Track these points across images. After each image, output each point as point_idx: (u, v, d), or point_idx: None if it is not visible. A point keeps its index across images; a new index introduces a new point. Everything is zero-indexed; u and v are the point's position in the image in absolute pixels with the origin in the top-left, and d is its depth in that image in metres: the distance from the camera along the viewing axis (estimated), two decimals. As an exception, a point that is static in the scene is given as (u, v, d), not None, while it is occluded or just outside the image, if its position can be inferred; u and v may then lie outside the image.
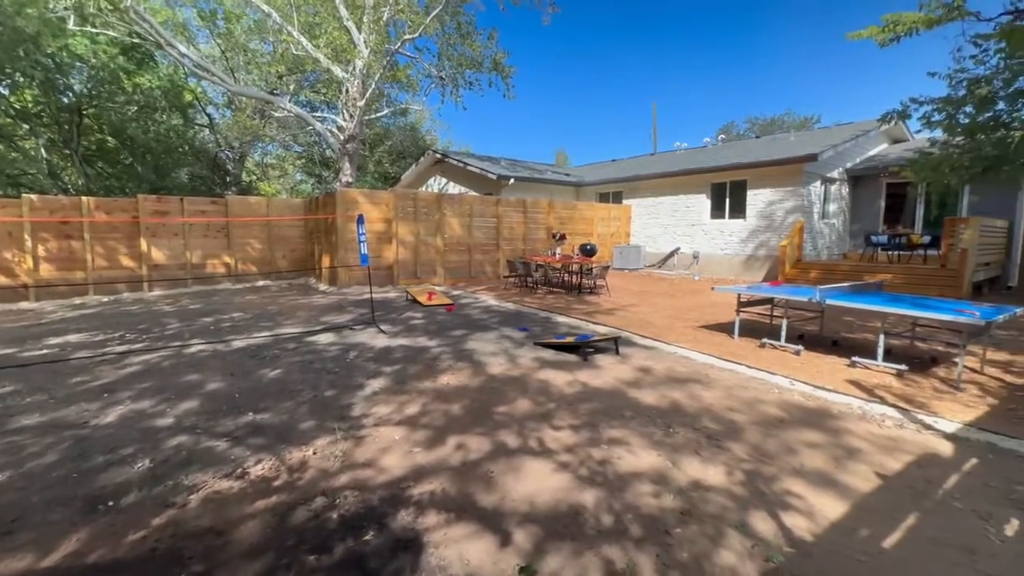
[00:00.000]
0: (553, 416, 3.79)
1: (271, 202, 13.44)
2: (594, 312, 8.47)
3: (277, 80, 21.24)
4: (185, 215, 11.70)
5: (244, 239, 12.69)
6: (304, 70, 21.06)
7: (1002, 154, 7.81)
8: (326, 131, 16.33)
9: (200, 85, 21.75)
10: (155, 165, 19.45)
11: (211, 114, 24.00)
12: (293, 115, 17.49)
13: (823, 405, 4.14)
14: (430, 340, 6.22)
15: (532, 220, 14.37)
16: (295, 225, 13.50)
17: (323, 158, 28.74)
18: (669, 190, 15.94)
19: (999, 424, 3.76)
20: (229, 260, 12.45)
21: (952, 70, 7.56)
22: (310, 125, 16.88)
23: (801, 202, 12.81)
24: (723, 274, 14.29)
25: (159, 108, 18.85)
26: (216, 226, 12.22)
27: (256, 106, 22.31)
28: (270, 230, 13.07)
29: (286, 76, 21.25)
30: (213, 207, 12.22)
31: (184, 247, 11.82)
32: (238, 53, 20.31)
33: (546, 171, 19.75)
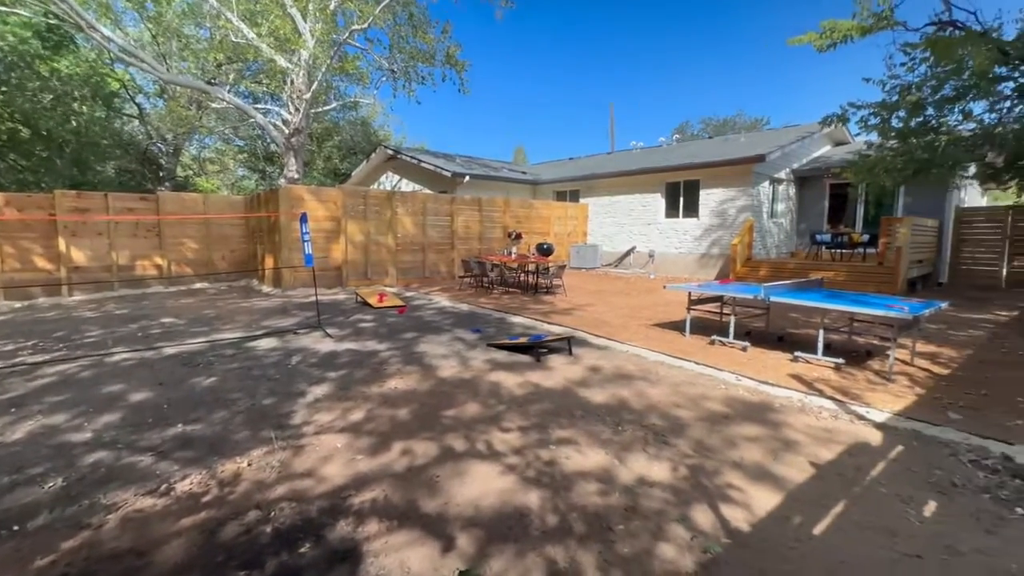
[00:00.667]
0: (503, 418, 3.82)
1: (209, 199, 12.88)
2: (550, 312, 8.57)
3: (215, 69, 20.34)
4: (110, 212, 11.03)
5: (178, 239, 12.10)
6: (245, 59, 20.26)
7: (931, 157, 8.45)
8: (269, 124, 15.80)
9: (128, 72, 20.57)
10: (75, 158, 18.24)
11: (141, 104, 22.74)
12: (233, 107, 16.82)
13: (765, 399, 4.36)
14: (379, 343, 6.13)
15: (488, 219, 14.39)
16: (235, 224, 12.99)
17: (267, 153, 27.76)
18: (625, 189, 16.33)
19: (924, 413, 4.07)
20: (161, 261, 11.83)
21: (886, 76, 8.12)
22: (252, 117, 16.28)
23: (751, 201, 13.42)
24: (678, 272, 14.77)
25: (80, 97, 17.68)
26: (146, 225, 11.59)
27: (192, 96, 21.32)
28: (208, 229, 12.52)
29: (225, 65, 20.38)
30: (143, 204, 11.58)
31: (109, 247, 11.14)
32: (171, 38, 19.32)
33: (502, 169, 19.83)
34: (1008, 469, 3.16)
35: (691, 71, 75.32)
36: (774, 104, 69.96)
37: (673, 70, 77.29)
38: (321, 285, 11.03)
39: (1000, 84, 6.87)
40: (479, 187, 16.59)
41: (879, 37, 6.63)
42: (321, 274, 11.05)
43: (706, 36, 72.10)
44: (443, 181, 16.51)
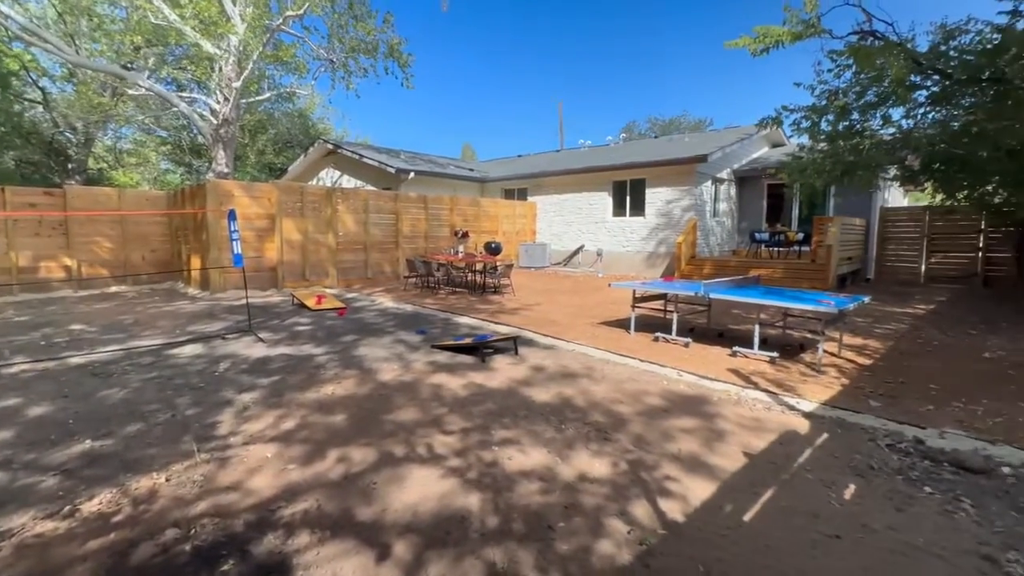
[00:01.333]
0: (445, 421, 3.81)
1: (125, 194, 12.07)
2: (497, 312, 8.61)
3: (133, 52, 19.07)
4: (8, 208, 10.14)
5: (90, 237, 11.27)
6: (167, 43, 19.11)
7: (856, 160, 9.13)
8: (194, 114, 15.01)
9: (30, 52, 18.94)
10: (-34, 147, 16.61)
11: (46, 88, 21.00)
12: (153, 94, 15.84)
13: (704, 393, 4.57)
14: (316, 347, 5.96)
15: (434, 217, 14.27)
16: (156, 221, 12.24)
17: (193, 145, 26.31)
18: (574, 187, 16.63)
19: (848, 402, 4.39)
20: (70, 262, 10.98)
21: (815, 82, 8.69)
22: (175, 106, 15.41)
23: (695, 201, 14.00)
24: (626, 271, 15.19)
25: (-30, 78, 16.14)
26: (52, 222, 10.73)
27: (106, 81, 19.89)
28: (124, 227, 11.73)
29: (144, 49, 19.14)
30: (47, 199, 10.71)
31: (7, 247, 10.23)
32: (80, 17, 17.95)
33: (449, 166, 19.72)
34: (919, 451, 3.47)
35: (638, 71, 77.66)
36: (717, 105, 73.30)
37: (621, 70, 79.41)
38: (254, 287, 10.59)
39: (915, 92, 7.52)
40: (425, 184, 16.43)
41: (809, 44, 7.09)
42: (254, 275, 10.61)
43: (653, 37, 74.55)
44: (387, 178, 16.23)
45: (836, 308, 5.12)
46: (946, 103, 7.14)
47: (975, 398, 4.53)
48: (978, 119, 6.25)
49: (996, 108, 6.06)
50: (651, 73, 76.31)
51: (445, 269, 10.73)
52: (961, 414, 4.16)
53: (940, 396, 4.59)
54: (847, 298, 5.96)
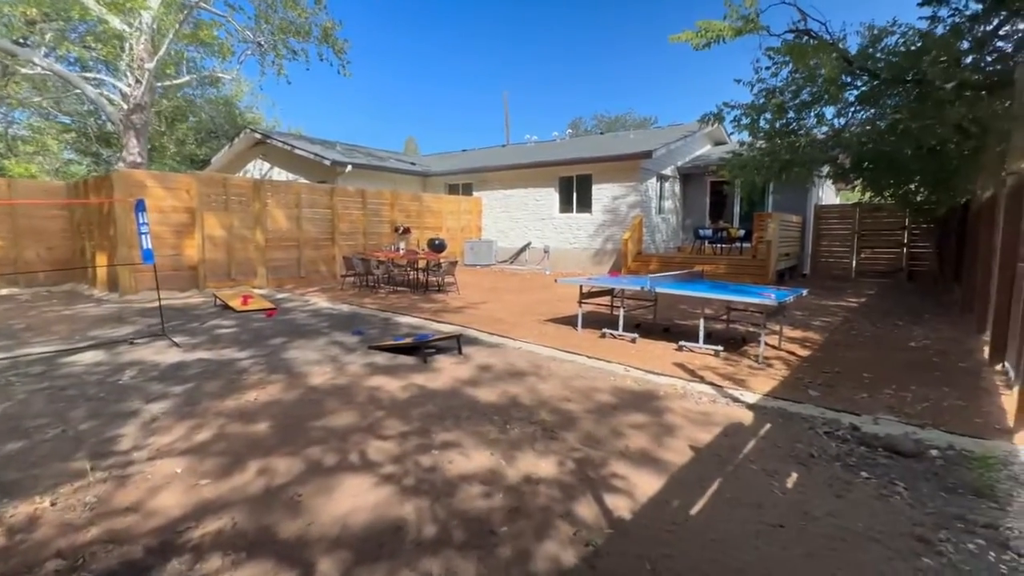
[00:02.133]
0: (381, 425, 3.64)
1: (16, 184, 11.00)
2: (441, 311, 8.45)
3: (26, 27, 17.41)
4: None
5: (-27, 233, 10.17)
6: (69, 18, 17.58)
7: (792, 157, 9.59)
8: (102, 98, 13.91)
9: None
10: None
11: (-83, 63, 18.82)
12: (53, 74, 14.55)
13: (651, 388, 4.62)
14: (240, 351, 5.60)
15: (374, 213, 13.88)
16: (55, 215, 11.23)
17: (102, 133, 24.43)
18: (520, 183, 16.64)
19: (790, 393, 4.57)
20: (-52, 262, 9.87)
21: (754, 79, 9.05)
22: (78, 89, 14.22)
23: (641, 198, 14.34)
24: (573, 268, 15.36)
25: None
26: (-76, 216, 9.60)
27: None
28: (15, 220, 10.68)
29: (41, 23, 17.52)
30: (-82, 189, 9.57)
31: None
32: (-40, -16, 16.21)
33: (389, 159, 19.28)
34: (856, 438, 3.63)
35: (583, 66, 79.14)
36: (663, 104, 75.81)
37: (565, 64, 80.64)
38: (172, 288, 9.90)
39: (846, 91, 7.97)
40: (363, 178, 15.96)
41: (749, 41, 7.36)
42: (172, 275, 9.91)
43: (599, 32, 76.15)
44: (321, 171, 15.64)
45: (776, 301, 5.32)
46: (873, 103, 7.61)
47: (904, 385, 4.83)
48: (903, 118, 6.70)
49: (919, 108, 6.52)
50: (597, 69, 77.97)
51: (385, 267, 10.43)
52: (892, 400, 4.41)
53: (873, 384, 4.86)
54: (786, 291, 6.23)
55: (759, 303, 5.44)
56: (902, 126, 6.68)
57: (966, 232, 10.44)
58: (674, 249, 16.56)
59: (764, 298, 5.45)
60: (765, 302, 5.38)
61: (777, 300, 5.34)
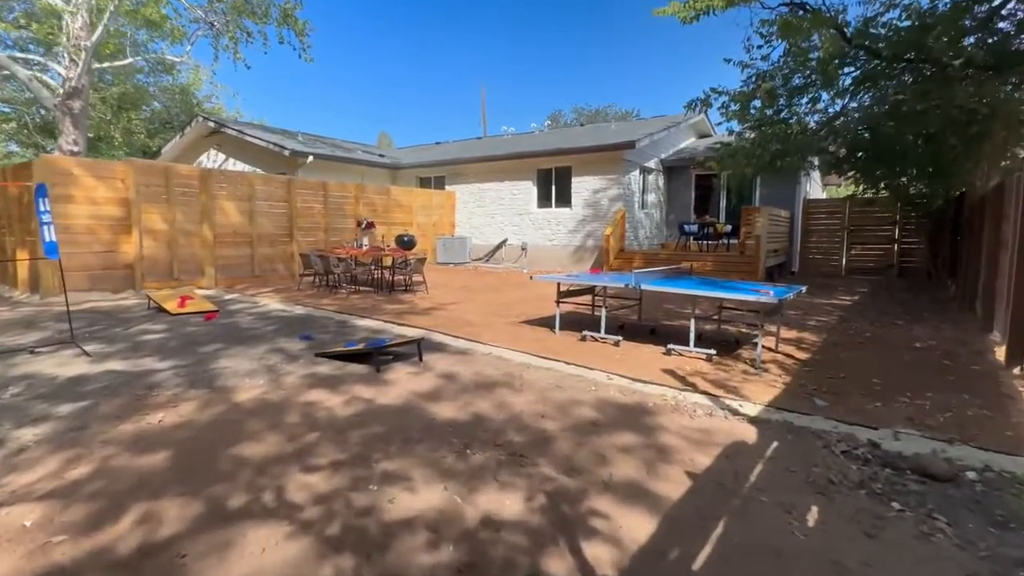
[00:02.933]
0: (311, 452, 3.06)
1: (-73, 174, 10.06)
2: (406, 312, 7.88)
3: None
4: None
5: None
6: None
7: (784, 146, 9.27)
8: (35, 81, 12.98)
9: None
10: None
11: None
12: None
13: (639, 400, 4.12)
14: (161, 361, 4.94)
15: (336, 207, 13.20)
16: (-27, 209, 10.30)
17: (45, 123, 23.15)
18: (495, 176, 16.11)
19: (793, 402, 4.12)
20: None
21: (746, 59, 8.68)
22: (6, 69, 13.24)
23: (623, 191, 13.92)
24: (552, 266, 14.89)
25: None
26: None
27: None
28: (-75, 215, 9.75)
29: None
30: None
31: None
32: None
33: (356, 150, 18.55)
34: (877, 457, 3.18)
35: (565, 61, 79.01)
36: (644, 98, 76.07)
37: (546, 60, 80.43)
38: (105, 289, 9.12)
39: (841, 74, 7.64)
40: (327, 170, 15.24)
41: (739, 16, 7.00)
42: (104, 275, 9.13)
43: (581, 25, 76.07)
44: (281, 162, 14.88)
45: (775, 298, 4.89)
46: (872, 84, 7.27)
47: (919, 391, 4.42)
48: (906, 99, 6.36)
49: (923, 88, 6.19)
50: (576, 62, 77.91)
51: (346, 265, 9.79)
52: (910, 410, 3.99)
53: (885, 391, 4.44)
54: (784, 287, 5.81)
55: (756, 301, 5.00)
56: (905, 108, 6.32)
57: (961, 226, 10.25)
58: (658, 246, 16.22)
59: (761, 295, 5.01)
60: (763, 300, 4.94)
61: (776, 297, 4.90)
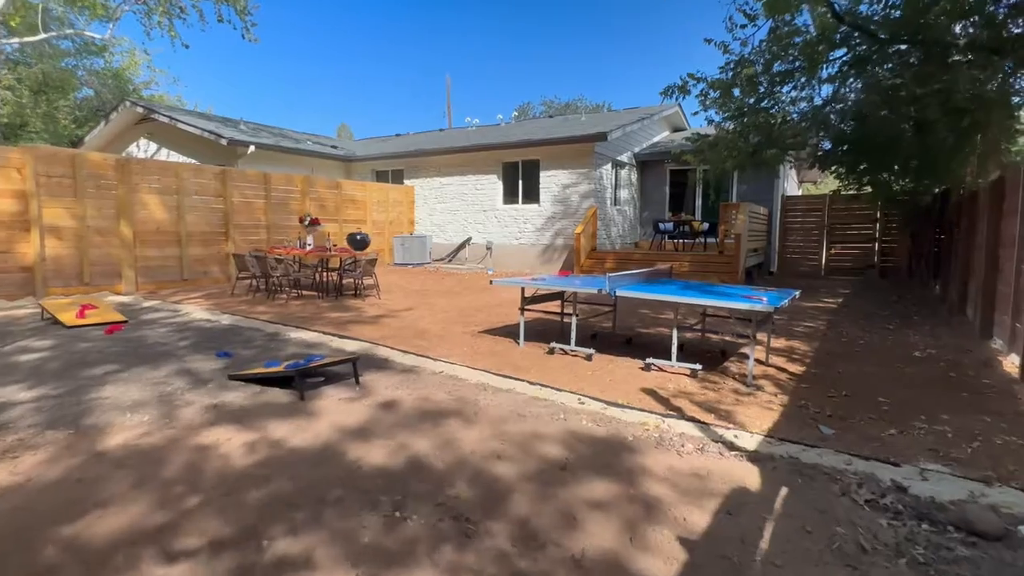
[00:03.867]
0: (183, 527, 2.36)
1: None
2: (352, 321, 7.16)
3: None
4: None
5: None
6: None
7: (767, 137, 8.89)
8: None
9: None
10: None
11: None
12: None
13: (616, 431, 3.54)
14: (27, 390, 4.12)
15: (281, 202, 12.30)
16: None
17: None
18: (458, 169, 15.44)
19: (796, 430, 3.61)
20: None
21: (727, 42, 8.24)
22: None
23: (594, 186, 13.43)
24: (519, 267, 14.30)
25: None
26: None
27: None
28: None
29: None
30: None
31: None
32: None
33: (306, 140, 17.58)
34: (909, 507, 2.67)
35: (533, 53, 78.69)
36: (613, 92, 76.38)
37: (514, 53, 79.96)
38: (1, 295, 8.10)
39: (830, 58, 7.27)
40: (273, 162, 14.29)
41: None
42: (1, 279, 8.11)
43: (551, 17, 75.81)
44: (219, 152, 13.87)
45: (770, 306, 4.38)
46: (863, 69, 6.87)
47: (934, 413, 3.98)
48: (904, 83, 5.99)
49: (923, 71, 5.82)
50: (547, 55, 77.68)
51: (285, 267, 8.97)
52: (930, 438, 3.52)
53: (896, 413, 3.98)
54: (776, 292, 5.35)
55: (749, 309, 4.50)
56: (903, 92, 5.93)
57: (945, 224, 10.08)
58: (631, 245, 15.82)
59: (754, 302, 4.51)
60: (756, 307, 4.44)
61: (771, 305, 4.39)
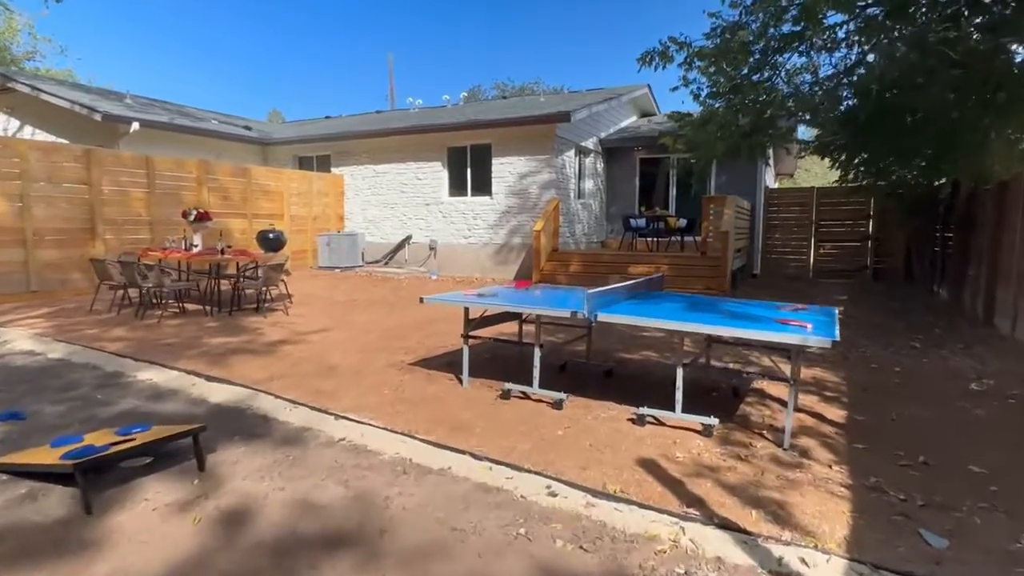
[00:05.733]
0: None
1: None
2: (238, 351, 5.70)
3: None
4: None
5: None
6: None
7: (759, 118, 7.92)
8: None
9: None
10: None
11: None
12: None
13: (612, 559, 2.28)
14: None
15: (170, 192, 10.56)
16: None
17: None
18: (395, 155, 13.97)
19: (889, 538, 2.48)
20: None
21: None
22: None
23: (555, 176, 12.25)
24: (469, 270, 12.99)
25: None
26: None
27: None
28: None
29: None
30: None
31: None
32: None
33: (210, 119, 15.67)
34: None
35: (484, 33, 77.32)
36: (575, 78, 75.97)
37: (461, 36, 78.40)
38: None
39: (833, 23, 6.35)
40: (168, 143, 12.40)
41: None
42: None
43: None
44: (98, 131, 11.88)
45: (827, 339, 3.22)
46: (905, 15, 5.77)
47: (1065, 496, 2.90)
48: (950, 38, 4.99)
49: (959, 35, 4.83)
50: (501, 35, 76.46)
51: (157, 274, 7.33)
52: (1096, 554, 2.41)
53: (1007, 493, 2.92)
54: (819, 313, 4.26)
55: (798, 343, 3.34)
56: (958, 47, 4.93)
57: (959, 221, 9.35)
58: (598, 244, 14.77)
59: (798, 331, 3.36)
60: (809, 340, 3.28)
61: (826, 338, 3.23)
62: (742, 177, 13.00)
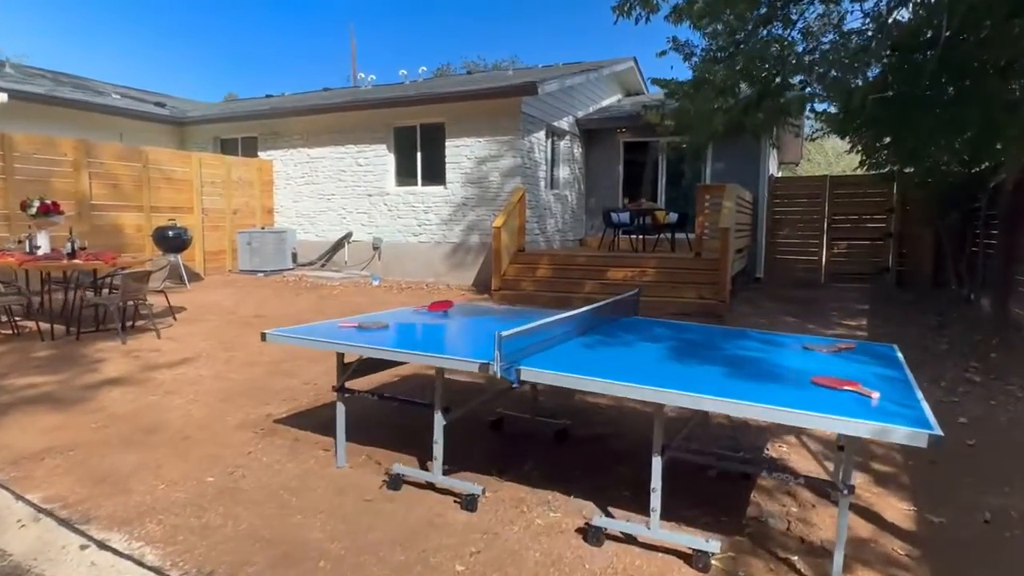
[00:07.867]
0: None
1: None
2: (38, 399, 4.33)
3: None
4: None
5: None
6: None
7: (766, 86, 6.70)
8: None
9: None
10: None
11: None
12: None
13: None
14: None
15: (37, 179, 9.05)
16: None
17: None
18: (334, 138, 12.57)
19: None
20: None
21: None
22: None
23: (521, 160, 10.93)
24: (419, 274, 11.64)
25: None
26: None
27: None
28: None
29: None
30: None
31: None
32: None
33: (111, 93, 14.09)
34: None
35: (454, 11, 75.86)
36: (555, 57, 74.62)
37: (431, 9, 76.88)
38: None
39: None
40: (55, 121, 10.84)
41: None
42: None
43: (476, -30, 73.15)
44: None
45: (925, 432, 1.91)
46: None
47: None
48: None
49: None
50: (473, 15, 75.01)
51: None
52: None
53: None
54: (875, 358, 2.98)
55: (850, 432, 2.03)
56: None
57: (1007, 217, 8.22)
58: (574, 243, 13.49)
59: (857, 404, 2.08)
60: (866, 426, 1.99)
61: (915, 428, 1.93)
62: (743, 163, 11.83)
